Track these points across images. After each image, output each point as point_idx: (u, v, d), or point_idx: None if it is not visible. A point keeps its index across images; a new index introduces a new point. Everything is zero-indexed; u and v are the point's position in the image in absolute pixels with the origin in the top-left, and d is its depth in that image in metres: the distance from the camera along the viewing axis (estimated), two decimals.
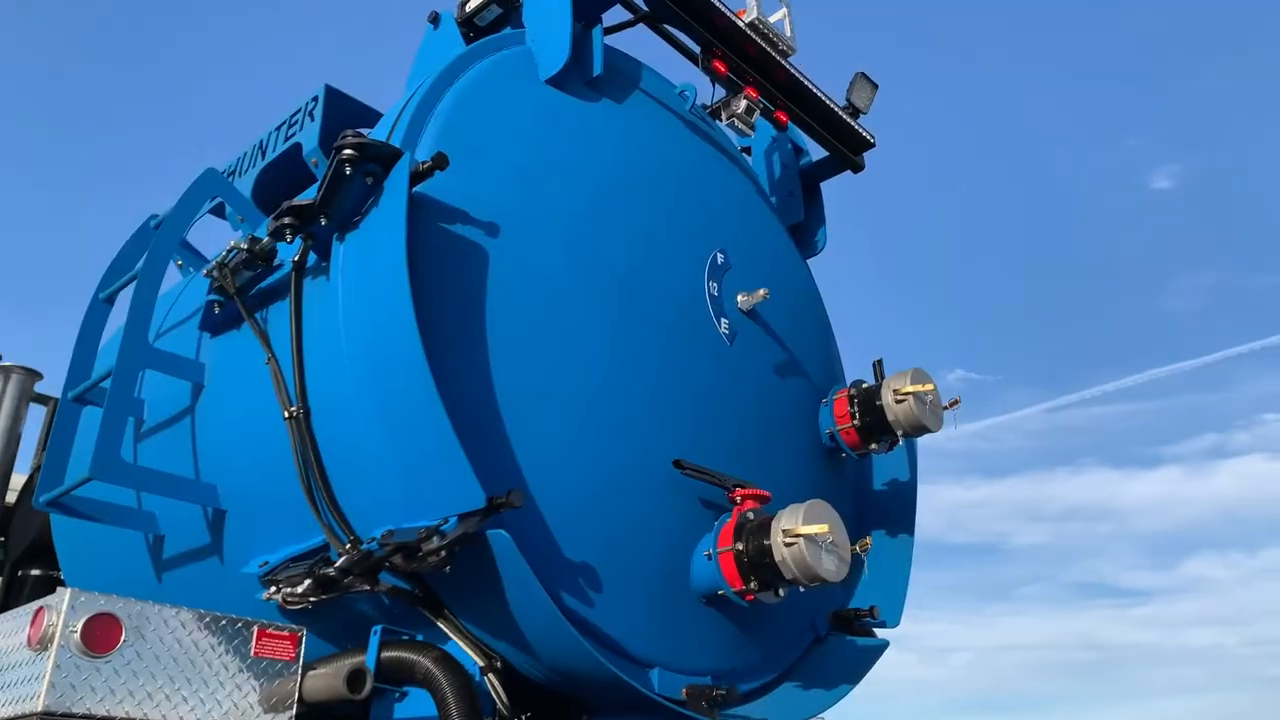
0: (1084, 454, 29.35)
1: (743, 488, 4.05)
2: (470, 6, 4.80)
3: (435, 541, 3.07)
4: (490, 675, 3.40)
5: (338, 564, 3.28)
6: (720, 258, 4.67)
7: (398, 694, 3.49)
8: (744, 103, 4.94)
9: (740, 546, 3.81)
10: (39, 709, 2.78)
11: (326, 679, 3.31)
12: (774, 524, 3.74)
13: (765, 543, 3.72)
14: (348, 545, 3.34)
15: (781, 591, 3.86)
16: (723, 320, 4.52)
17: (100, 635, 2.90)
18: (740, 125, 4.98)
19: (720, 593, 3.87)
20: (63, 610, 2.86)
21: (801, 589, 3.80)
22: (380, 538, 3.21)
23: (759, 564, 3.75)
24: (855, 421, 4.77)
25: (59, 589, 2.96)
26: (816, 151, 5.80)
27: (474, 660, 3.41)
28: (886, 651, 4.79)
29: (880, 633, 4.88)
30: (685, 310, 4.38)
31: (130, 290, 4.18)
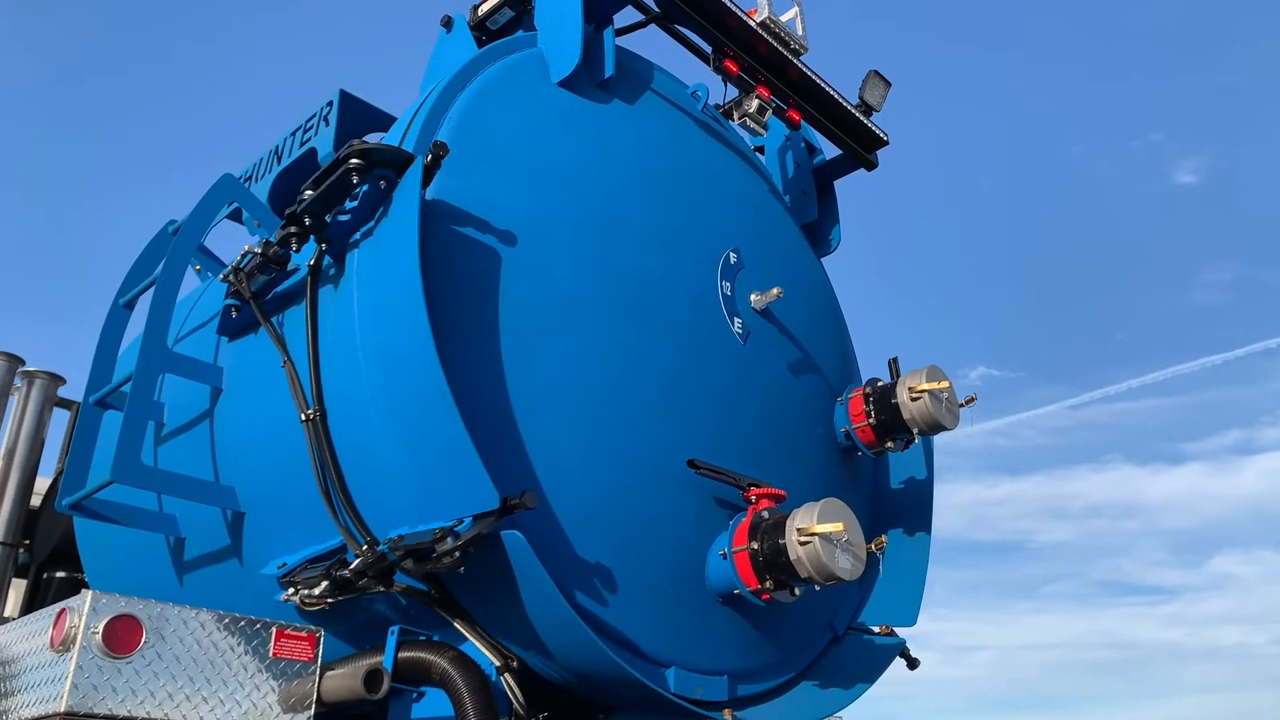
0: (1108, 450, 29.14)
1: (757, 487, 4.05)
2: (483, 10, 4.82)
3: (449, 542, 3.09)
4: (506, 675, 3.41)
5: (351, 566, 3.31)
6: (733, 257, 4.67)
7: (415, 694, 3.51)
8: (756, 102, 4.94)
9: (755, 545, 3.81)
10: (62, 709, 2.82)
11: (344, 679, 3.34)
12: (788, 523, 3.73)
13: (780, 542, 3.72)
14: (364, 547, 3.36)
15: (797, 590, 3.86)
16: (736, 320, 4.52)
17: (121, 636, 2.95)
18: (753, 125, 4.98)
19: (736, 592, 3.88)
20: (84, 612, 2.91)
21: (817, 588, 3.80)
22: (392, 540, 3.24)
23: (774, 563, 3.75)
24: (871, 420, 4.76)
25: (83, 591, 3.00)
26: (829, 150, 5.79)
27: (490, 660, 3.43)
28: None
29: (898, 631, 4.86)
30: (698, 310, 4.38)
31: (149, 295, 4.22)
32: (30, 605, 6.54)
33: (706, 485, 4.06)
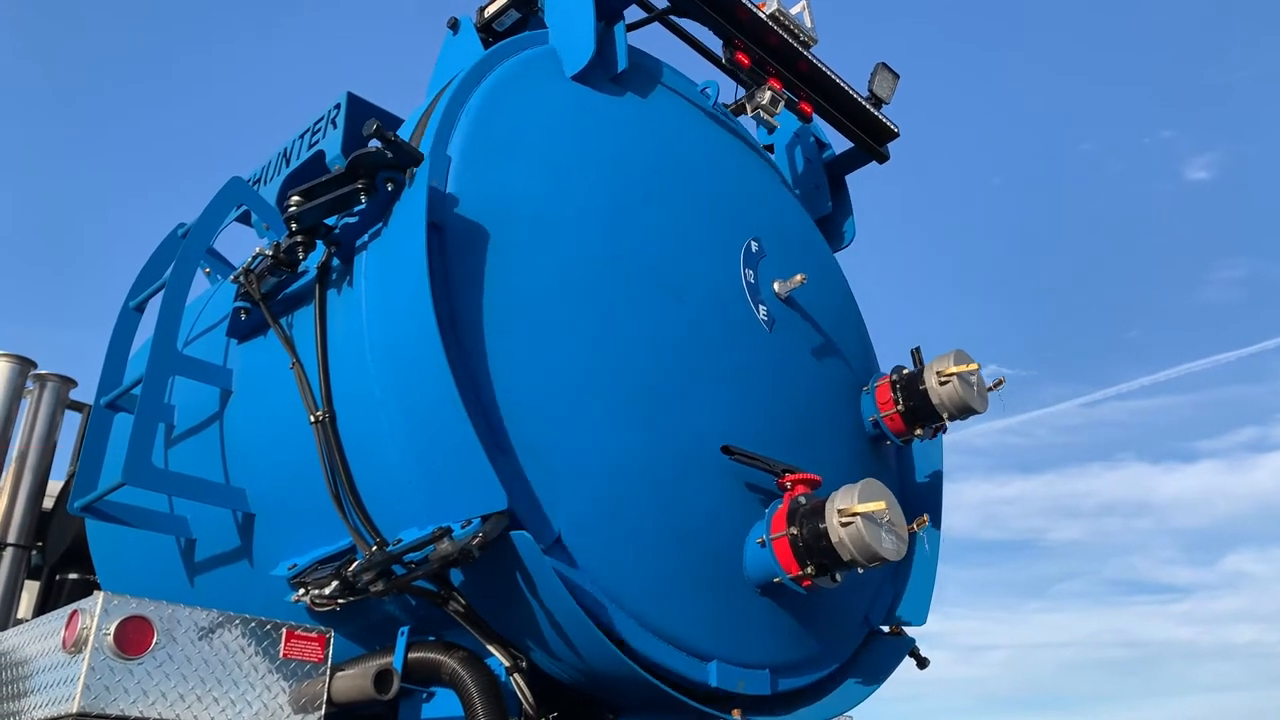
0: (1121, 449, 29.00)
1: (792, 472, 3.96)
2: (489, 12, 4.82)
3: (447, 544, 3.08)
4: (516, 675, 3.41)
5: (351, 568, 3.32)
6: (754, 246, 4.65)
7: (425, 694, 3.52)
8: (768, 94, 4.93)
9: (794, 531, 3.72)
10: (74, 710, 2.84)
11: (355, 680, 3.35)
12: (829, 505, 3.64)
13: (820, 525, 3.63)
14: (374, 548, 3.37)
15: (839, 576, 3.76)
16: (761, 307, 4.50)
17: (133, 638, 2.96)
18: (765, 117, 4.97)
19: (776, 580, 3.78)
20: (96, 613, 2.92)
21: (860, 570, 3.70)
22: (390, 544, 3.25)
23: (814, 547, 3.66)
24: (899, 406, 4.65)
25: (95, 592, 3.02)
26: (839, 145, 5.77)
27: (500, 660, 3.43)
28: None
29: (908, 630, 4.84)
30: (723, 298, 4.35)
31: (159, 298, 4.24)
32: (43, 607, 6.57)
33: (740, 473, 3.99)
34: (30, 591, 6.69)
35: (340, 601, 3.45)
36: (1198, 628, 26.80)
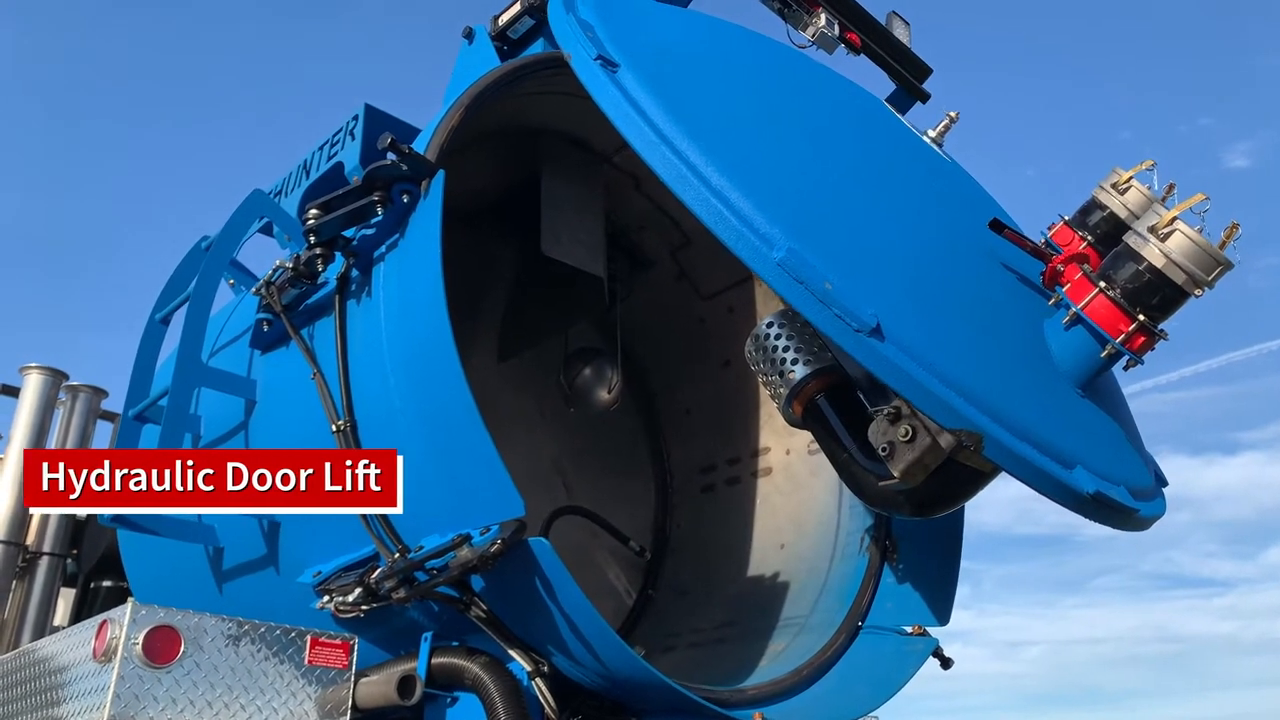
0: (1160, 441, 28.60)
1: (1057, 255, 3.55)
2: (503, 20, 4.86)
3: (466, 551, 3.13)
4: (538, 680, 3.44)
5: (374, 575, 3.37)
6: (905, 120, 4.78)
7: (449, 699, 3.56)
8: (823, 17, 4.96)
9: (1104, 284, 3.20)
10: (105, 718, 2.91)
11: (379, 686, 3.40)
12: (1135, 229, 3.15)
13: (1136, 264, 3.13)
14: (395, 555, 3.41)
15: (1163, 326, 3.22)
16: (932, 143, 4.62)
17: (161, 647, 3.03)
18: (828, 35, 4.97)
19: (1104, 355, 3.27)
20: (125, 623, 3.00)
21: (1197, 293, 3.16)
22: (411, 551, 3.29)
23: (1138, 288, 3.15)
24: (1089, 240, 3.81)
25: (128, 600, 3.09)
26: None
27: (522, 665, 3.46)
28: (954, 647, 4.70)
29: (931, 631, 4.82)
30: (908, 143, 4.47)
31: (184, 311, 4.31)
32: (78, 614, 6.68)
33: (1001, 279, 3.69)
34: (66, 599, 6.82)
35: (364, 608, 3.50)
36: (1239, 622, 26.43)
